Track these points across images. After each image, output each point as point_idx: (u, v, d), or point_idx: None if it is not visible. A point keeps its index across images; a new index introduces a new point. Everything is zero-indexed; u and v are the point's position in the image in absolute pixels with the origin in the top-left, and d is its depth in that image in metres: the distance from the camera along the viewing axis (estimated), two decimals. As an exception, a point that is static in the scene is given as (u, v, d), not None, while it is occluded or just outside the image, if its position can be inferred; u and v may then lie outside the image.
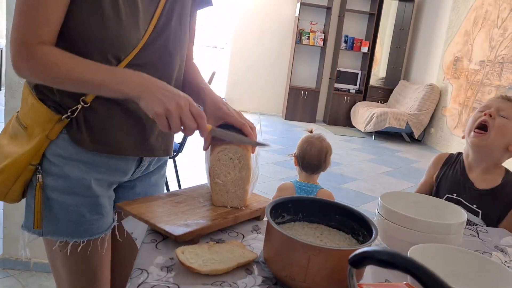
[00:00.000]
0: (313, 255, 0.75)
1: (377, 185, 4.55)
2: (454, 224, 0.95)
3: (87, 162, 1.01)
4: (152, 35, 0.99)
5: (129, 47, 0.96)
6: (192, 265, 0.79)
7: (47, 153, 0.99)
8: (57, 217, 1.02)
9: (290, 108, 8.01)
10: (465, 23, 6.38)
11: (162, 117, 0.88)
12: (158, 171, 1.23)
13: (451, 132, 6.47)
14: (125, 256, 1.27)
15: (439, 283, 0.41)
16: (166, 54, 1.03)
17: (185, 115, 0.89)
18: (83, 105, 0.96)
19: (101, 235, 1.08)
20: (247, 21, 8.06)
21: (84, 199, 1.02)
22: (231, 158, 1.01)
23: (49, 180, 1.00)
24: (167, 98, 0.88)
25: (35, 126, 0.98)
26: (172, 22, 1.03)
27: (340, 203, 0.94)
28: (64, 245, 1.04)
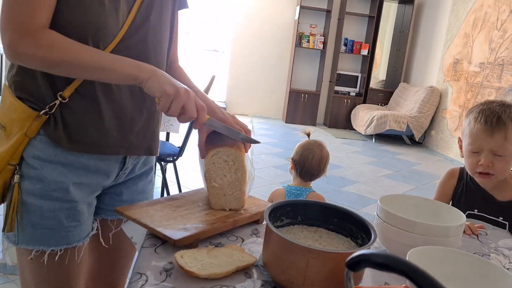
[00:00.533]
0: (311, 259, 0.75)
1: (378, 188, 4.55)
2: (453, 226, 0.95)
3: (66, 164, 0.99)
4: (131, 28, 0.99)
5: (109, 36, 0.95)
6: (191, 269, 0.79)
7: (25, 156, 0.97)
8: (32, 223, 0.98)
9: (291, 111, 8.02)
10: (464, 25, 6.39)
11: (169, 97, 0.90)
12: (145, 176, 1.22)
13: (451, 134, 6.46)
14: (112, 263, 1.26)
15: (436, 285, 0.41)
16: (145, 51, 1.02)
17: (191, 102, 0.92)
18: (61, 100, 0.95)
19: (79, 243, 1.05)
20: (247, 25, 8.08)
21: (61, 204, 0.99)
22: (225, 161, 1.01)
23: (26, 184, 0.97)
24: (177, 83, 0.92)
25: (13, 125, 0.96)
26: (151, 18, 1.03)
27: (339, 206, 0.94)
28: (40, 255, 1.01)
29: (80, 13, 0.91)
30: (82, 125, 0.98)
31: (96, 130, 0.99)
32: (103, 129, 0.99)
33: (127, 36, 0.98)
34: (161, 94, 0.90)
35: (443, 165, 6.05)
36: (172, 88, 0.90)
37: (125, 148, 1.05)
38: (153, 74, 0.92)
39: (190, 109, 0.92)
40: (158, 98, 0.91)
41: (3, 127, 0.98)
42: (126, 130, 1.04)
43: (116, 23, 0.96)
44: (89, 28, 0.92)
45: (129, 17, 0.99)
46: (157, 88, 0.90)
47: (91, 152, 1.00)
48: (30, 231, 0.99)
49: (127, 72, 0.91)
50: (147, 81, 0.91)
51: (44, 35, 0.88)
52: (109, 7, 0.94)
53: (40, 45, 0.87)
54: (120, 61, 0.92)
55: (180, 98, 0.91)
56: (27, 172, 0.97)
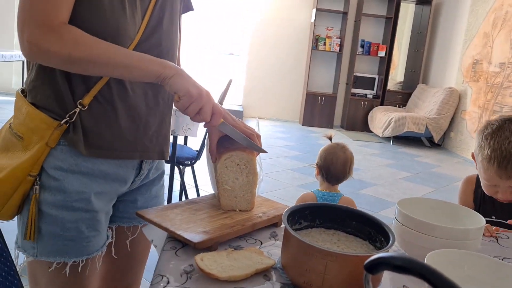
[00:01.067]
0: (330, 261, 0.75)
1: (396, 190, 4.51)
2: (472, 229, 0.94)
3: (87, 173, 0.98)
4: (146, 31, 1.00)
5: (127, 40, 0.95)
6: (211, 271, 0.81)
7: (46, 167, 0.96)
8: (54, 235, 0.97)
9: (307, 114, 8.01)
10: (484, 24, 6.30)
11: (191, 98, 0.92)
12: (158, 181, 1.22)
13: (471, 136, 6.37)
14: (125, 268, 1.26)
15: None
16: (160, 54, 1.02)
17: (209, 106, 0.95)
18: (81, 108, 0.94)
19: (98, 253, 1.05)
20: (263, 28, 8.10)
21: (82, 214, 0.99)
22: (238, 164, 1.03)
23: (47, 195, 0.96)
24: (201, 86, 0.94)
25: (32, 134, 0.94)
26: (164, 21, 1.04)
27: (356, 209, 0.95)
28: (61, 267, 0.99)
29: (101, 16, 0.91)
30: (99, 130, 0.97)
31: (112, 135, 0.99)
32: (119, 134, 1.00)
33: (143, 39, 0.99)
34: (184, 93, 0.91)
35: (463, 167, 5.97)
36: (195, 90, 0.92)
37: (140, 152, 1.05)
38: (178, 72, 0.92)
39: (206, 112, 0.94)
40: (179, 96, 0.92)
41: (20, 138, 0.96)
42: (140, 134, 1.04)
43: (133, 27, 0.97)
44: (108, 31, 0.92)
45: (144, 20, 0.99)
46: (181, 87, 0.91)
47: (107, 157, 1.00)
48: (50, 243, 0.98)
49: (152, 68, 0.91)
50: (170, 79, 0.91)
51: (68, 30, 0.87)
52: (128, 11, 0.94)
53: (65, 41, 0.86)
54: (145, 57, 0.92)
55: (200, 101, 0.93)
56: (48, 183, 0.96)
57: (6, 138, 0.99)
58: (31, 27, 0.85)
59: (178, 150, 2.93)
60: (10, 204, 0.96)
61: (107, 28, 0.92)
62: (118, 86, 0.98)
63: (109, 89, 0.97)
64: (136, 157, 1.06)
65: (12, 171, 0.94)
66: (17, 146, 0.97)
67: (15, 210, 0.98)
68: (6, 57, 6.16)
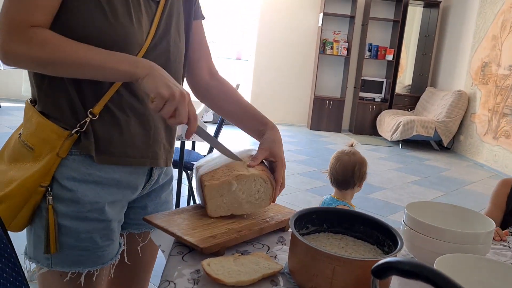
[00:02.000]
0: (337, 266, 0.75)
1: (405, 194, 4.48)
2: (482, 233, 0.93)
3: (100, 182, 0.98)
4: (154, 40, 0.99)
5: (136, 47, 0.95)
6: (218, 276, 0.80)
7: (58, 177, 0.94)
8: (68, 245, 0.97)
9: (315, 118, 7.99)
10: (492, 27, 6.25)
11: (163, 99, 0.87)
12: (167, 186, 1.22)
13: (481, 139, 6.31)
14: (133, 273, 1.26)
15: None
16: (167, 62, 1.02)
17: (183, 106, 0.89)
18: (92, 117, 0.94)
19: (112, 261, 1.05)
20: (270, 33, 8.11)
21: (96, 224, 0.98)
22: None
23: (60, 206, 0.95)
24: (174, 85, 0.89)
25: (43, 145, 0.94)
26: (172, 29, 1.03)
27: (364, 213, 0.94)
28: (76, 277, 0.99)
29: (110, 25, 0.91)
30: (111, 137, 0.97)
31: (123, 142, 0.99)
32: (130, 141, 1.00)
33: (151, 46, 0.99)
34: (155, 95, 0.86)
35: (473, 170, 5.92)
36: (167, 90, 0.87)
37: (150, 159, 1.05)
38: (150, 72, 0.88)
39: (181, 114, 0.89)
40: (152, 98, 0.88)
41: (30, 148, 0.95)
42: (150, 141, 1.04)
43: (141, 33, 0.96)
44: (117, 39, 0.92)
45: (152, 27, 0.99)
46: (152, 88, 0.87)
47: (119, 164, 1.00)
48: (65, 254, 0.97)
49: (122, 68, 0.88)
50: (143, 79, 0.88)
51: (36, 33, 0.86)
52: (134, 18, 0.94)
53: (32, 43, 0.85)
54: (116, 57, 0.88)
55: (174, 101, 0.87)
56: (61, 194, 0.95)
57: (16, 149, 0.98)
58: (3, 32, 0.85)
59: (186, 155, 2.93)
60: (21, 216, 0.96)
61: (115, 35, 0.92)
62: (128, 94, 0.98)
63: (119, 97, 0.96)
64: (147, 163, 1.05)
65: (22, 182, 0.93)
66: (27, 157, 0.96)
67: (26, 222, 0.98)
68: (16, 64, 6.22)
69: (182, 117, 0.89)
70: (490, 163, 5.99)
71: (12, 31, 0.85)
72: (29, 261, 1.01)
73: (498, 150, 5.88)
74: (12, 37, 0.85)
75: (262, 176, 1.02)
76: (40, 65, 0.88)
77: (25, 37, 0.85)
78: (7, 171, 0.96)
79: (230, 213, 1.03)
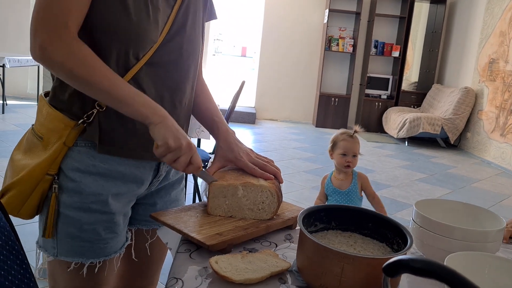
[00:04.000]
0: (346, 264, 0.74)
1: (412, 192, 4.46)
2: (492, 231, 0.92)
3: (104, 174, 0.99)
4: (169, 35, 1.00)
5: (149, 43, 0.96)
6: (226, 274, 0.80)
7: (64, 168, 0.97)
8: (71, 236, 0.99)
9: (321, 116, 7.97)
10: (500, 23, 6.20)
11: (168, 149, 0.92)
12: (178, 185, 1.22)
13: (488, 137, 6.27)
14: (142, 269, 1.27)
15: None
16: (181, 55, 1.03)
17: (185, 158, 0.95)
18: (99, 109, 0.96)
19: (116, 254, 1.06)
20: (276, 30, 8.10)
21: (99, 216, 1.00)
22: None
23: (65, 196, 0.98)
24: (183, 138, 0.94)
25: (51, 135, 0.97)
26: (187, 27, 1.04)
27: (373, 211, 0.93)
28: (79, 267, 1.01)
29: (125, 20, 0.92)
30: (115, 129, 0.98)
31: (127, 134, 1.00)
32: (134, 133, 1.00)
33: (164, 42, 0.99)
34: (162, 144, 0.92)
35: (480, 168, 5.88)
36: (175, 142, 0.92)
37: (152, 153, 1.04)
38: (164, 121, 0.93)
39: (180, 163, 0.94)
40: (157, 145, 0.93)
41: (40, 138, 0.99)
42: None
43: (156, 30, 0.97)
44: (129, 38, 0.93)
45: (167, 24, 1.00)
46: (161, 136, 0.92)
47: (120, 155, 1.00)
48: (69, 244, 1.00)
49: (141, 110, 0.92)
50: (155, 126, 0.92)
51: (79, 47, 0.89)
52: (151, 15, 0.95)
53: (72, 56, 0.88)
54: (140, 97, 0.93)
55: (178, 153, 0.93)
56: (65, 184, 0.98)
57: (29, 140, 1.02)
58: (43, 32, 0.87)
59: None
60: (29, 204, 0.98)
61: (130, 31, 0.93)
62: (136, 87, 0.98)
63: None
64: (149, 158, 1.05)
65: (31, 170, 0.96)
66: (38, 146, 0.99)
67: (35, 210, 1.00)
68: (22, 62, 6.25)
69: (180, 166, 0.95)
70: (498, 160, 5.95)
71: (54, 34, 0.87)
72: (39, 250, 1.04)
73: (505, 147, 5.84)
74: (53, 41, 0.87)
75: (270, 189, 1.02)
76: (70, 77, 0.91)
77: (68, 47, 0.88)
78: (21, 160, 1.00)
79: (229, 215, 1.03)
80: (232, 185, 1.01)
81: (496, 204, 4.29)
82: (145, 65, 0.97)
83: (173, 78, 1.03)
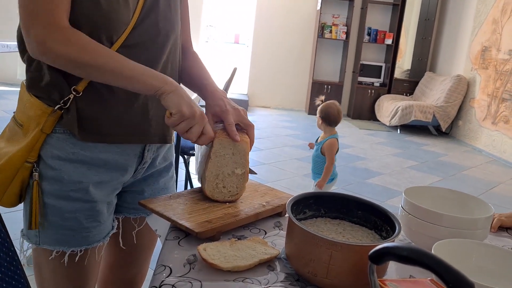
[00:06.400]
0: (335, 251, 0.74)
1: (403, 179, 4.49)
2: (481, 218, 0.92)
3: (86, 161, 0.98)
4: (142, 14, 0.98)
5: (122, 26, 0.94)
6: (214, 261, 0.80)
7: (44, 156, 0.96)
8: (54, 224, 0.98)
9: (314, 103, 7.93)
10: (492, 11, 6.20)
11: (182, 117, 0.92)
12: (166, 172, 1.21)
13: (479, 124, 6.31)
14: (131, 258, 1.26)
15: (461, 279, 0.40)
16: (157, 34, 1.01)
17: (198, 127, 0.95)
18: (75, 94, 0.94)
19: (99, 243, 1.05)
20: (269, 17, 8.04)
21: (81, 205, 0.99)
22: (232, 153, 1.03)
23: (45, 184, 0.97)
24: (195, 106, 0.94)
25: (30, 122, 0.96)
26: (160, 1, 1.02)
27: (362, 198, 0.93)
28: (60, 255, 1.00)
29: (93, 5, 0.90)
30: (95, 115, 0.97)
31: (108, 119, 0.98)
32: (116, 118, 0.99)
33: (139, 22, 0.97)
34: (177, 111, 0.92)
35: (471, 155, 5.92)
36: (189, 110, 0.92)
37: (138, 136, 1.04)
38: (176, 89, 0.93)
39: (193, 133, 0.95)
40: (170, 113, 0.92)
41: (20, 125, 0.98)
42: (138, 118, 1.02)
43: (127, 12, 0.95)
44: (100, 22, 0.91)
45: (138, 5, 0.97)
46: (175, 105, 0.92)
47: (103, 142, 0.99)
48: (51, 232, 0.99)
49: (153, 83, 0.92)
50: (168, 94, 0.92)
51: (74, 34, 0.88)
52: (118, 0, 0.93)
53: (72, 44, 0.87)
54: (148, 71, 0.92)
55: (191, 121, 0.93)
56: (45, 172, 0.97)
57: (11, 128, 1.01)
58: (38, 27, 0.86)
59: (183, 139, 2.91)
60: (10, 192, 0.97)
61: (100, 16, 0.91)
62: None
63: None
64: (134, 141, 1.04)
65: (10, 157, 0.95)
66: (19, 134, 0.98)
67: (17, 198, 0.99)
68: (11, 47, 6.15)
69: (193, 136, 0.95)
70: (489, 148, 6.00)
71: (50, 27, 0.86)
72: (22, 238, 1.03)
73: (496, 135, 5.88)
74: (51, 33, 0.86)
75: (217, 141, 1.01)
76: (76, 66, 0.90)
77: (65, 36, 0.87)
78: (3, 148, 0.99)
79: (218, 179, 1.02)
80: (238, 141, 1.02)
81: (487, 191, 4.33)
82: (121, 47, 0.95)
83: (149, 57, 1.00)
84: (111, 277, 1.28)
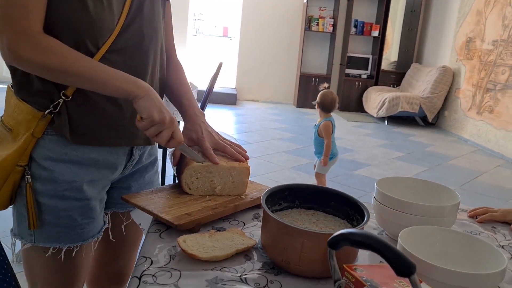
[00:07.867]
0: (306, 240, 0.79)
1: (390, 170, 4.55)
2: (447, 206, 0.97)
3: (77, 162, 1.00)
4: (128, 19, 1.00)
5: (107, 32, 0.96)
6: (193, 252, 0.84)
7: (35, 157, 0.98)
8: (48, 222, 1.01)
9: (301, 96, 8.00)
10: (477, 2, 6.27)
11: (152, 122, 0.94)
12: (151, 167, 1.24)
13: (465, 114, 6.40)
14: (118, 251, 1.30)
15: (403, 259, 0.44)
16: (141, 39, 1.03)
17: (167, 132, 0.97)
18: (65, 99, 0.96)
19: (93, 238, 1.08)
20: (255, 10, 8.03)
21: (74, 203, 1.02)
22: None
23: (38, 185, 0.99)
24: (165, 111, 0.96)
25: (19, 126, 0.97)
26: (144, 8, 1.04)
27: (335, 190, 0.97)
28: (57, 252, 1.03)
29: (78, 12, 0.91)
30: (85, 118, 0.99)
31: (97, 122, 1.00)
32: (104, 121, 1.01)
33: (123, 29, 0.99)
34: (147, 116, 0.94)
35: (457, 145, 6.01)
36: (159, 115, 0.94)
37: (126, 139, 1.07)
38: (148, 94, 0.95)
39: (162, 137, 0.97)
40: (140, 117, 0.95)
41: (9, 130, 0.99)
42: (126, 121, 1.04)
43: (112, 18, 0.97)
44: (85, 28, 0.93)
45: (123, 11, 0.99)
46: (146, 110, 0.94)
47: (93, 144, 1.02)
48: (46, 230, 1.01)
49: (124, 87, 0.93)
50: (140, 99, 0.94)
51: (43, 39, 0.89)
52: (103, 6, 0.95)
53: (40, 49, 0.88)
54: (118, 74, 0.94)
55: (161, 127, 0.96)
56: (38, 173, 0.98)
57: None
58: (9, 32, 0.87)
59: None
60: (2, 195, 0.99)
61: (84, 24, 0.92)
62: None
63: None
64: (122, 143, 1.07)
65: (0, 162, 0.96)
66: (7, 138, 0.99)
67: (7, 201, 1.01)
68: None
69: (162, 140, 0.98)
70: (474, 138, 6.09)
71: (20, 34, 0.87)
72: (15, 237, 1.05)
73: (481, 125, 5.97)
74: (21, 40, 0.88)
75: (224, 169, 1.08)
76: (45, 71, 0.91)
77: (34, 42, 0.88)
78: None
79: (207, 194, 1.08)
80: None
81: (471, 180, 4.41)
82: (107, 52, 0.97)
83: (134, 63, 1.02)
84: (99, 270, 1.32)
